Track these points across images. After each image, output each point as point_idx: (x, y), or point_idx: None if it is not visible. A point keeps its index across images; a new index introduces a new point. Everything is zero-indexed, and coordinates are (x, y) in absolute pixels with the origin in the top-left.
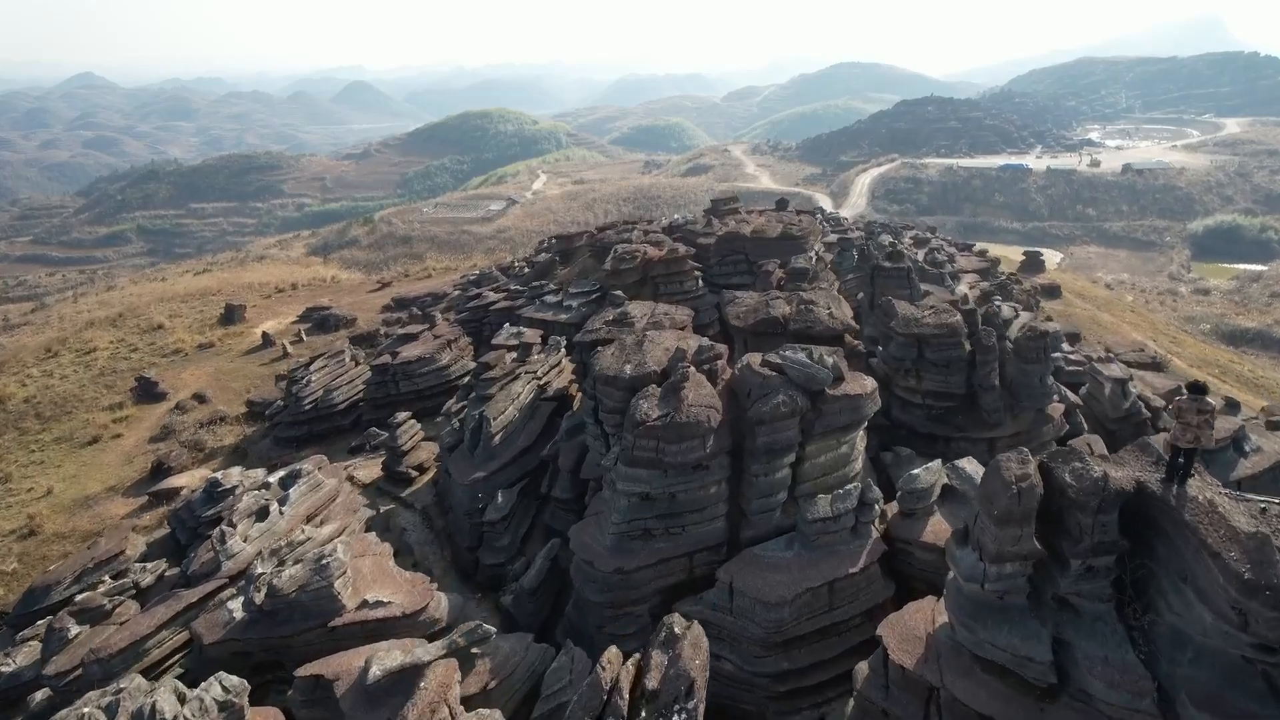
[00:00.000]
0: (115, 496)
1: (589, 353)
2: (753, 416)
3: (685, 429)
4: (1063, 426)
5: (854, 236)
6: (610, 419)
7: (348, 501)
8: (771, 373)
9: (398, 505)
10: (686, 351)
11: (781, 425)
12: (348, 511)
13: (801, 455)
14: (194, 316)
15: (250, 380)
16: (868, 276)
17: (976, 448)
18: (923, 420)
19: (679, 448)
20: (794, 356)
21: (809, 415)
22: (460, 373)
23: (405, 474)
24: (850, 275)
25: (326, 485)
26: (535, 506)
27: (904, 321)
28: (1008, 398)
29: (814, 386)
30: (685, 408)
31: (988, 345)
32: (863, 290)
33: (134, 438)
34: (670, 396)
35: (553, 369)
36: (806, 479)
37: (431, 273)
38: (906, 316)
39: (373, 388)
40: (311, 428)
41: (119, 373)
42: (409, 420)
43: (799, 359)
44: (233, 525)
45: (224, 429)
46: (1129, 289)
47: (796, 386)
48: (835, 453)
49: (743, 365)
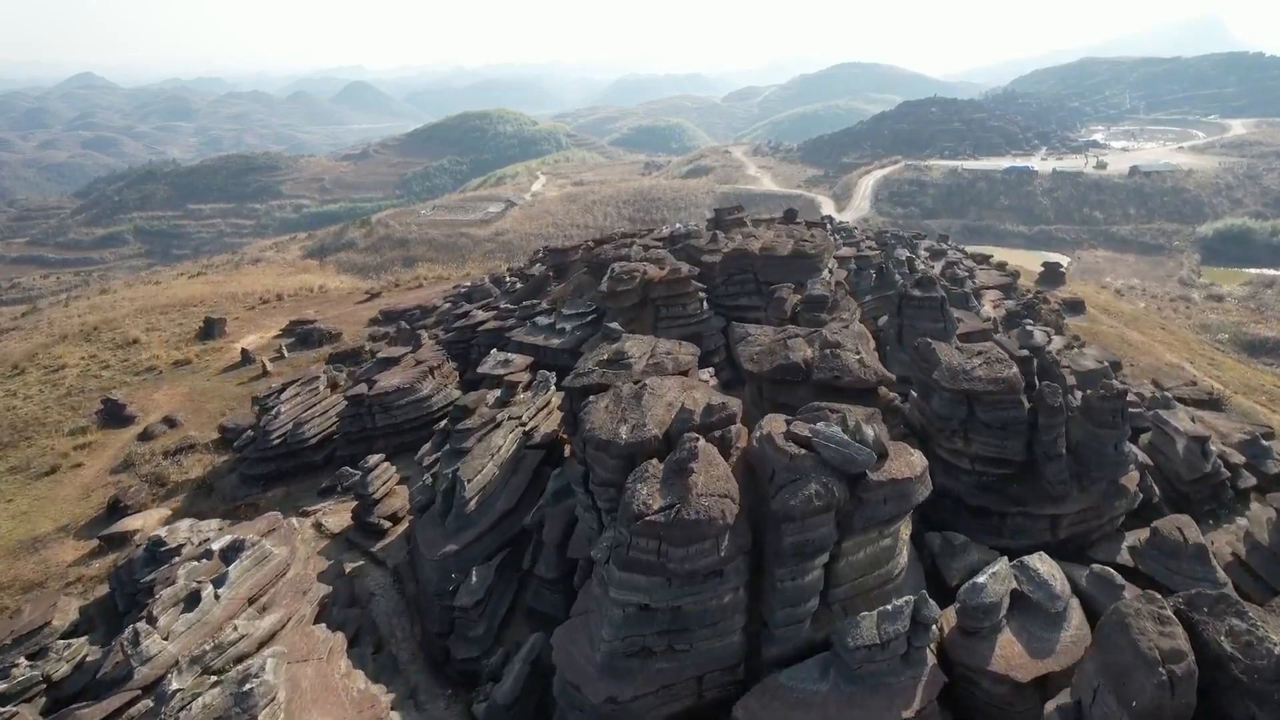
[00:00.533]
0: (66, 538)
1: (579, 400)
2: (778, 511)
3: (694, 528)
4: (1136, 498)
5: (872, 255)
6: (603, 492)
7: (298, 579)
8: (798, 449)
9: (367, 561)
10: (694, 413)
11: (814, 522)
12: (296, 594)
13: (836, 553)
14: (172, 330)
15: (226, 401)
16: (894, 305)
17: (1036, 524)
18: (972, 489)
19: (686, 551)
20: (827, 432)
21: (846, 505)
22: (443, 403)
23: (376, 525)
24: (869, 297)
25: (275, 558)
26: (516, 582)
27: (950, 374)
28: (1074, 465)
29: (852, 469)
30: (694, 498)
31: (1053, 406)
32: (885, 314)
33: (95, 467)
34: (675, 479)
35: (540, 410)
36: (842, 581)
37: (422, 282)
38: (953, 367)
39: (347, 421)
40: (280, 464)
41: (87, 393)
42: (381, 464)
43: (834, 436)
44: (154, 619)
45: (191, 459)
46: (1140, 295)
47: (830, 469)
48: (876, 546)
49: (762, 436)
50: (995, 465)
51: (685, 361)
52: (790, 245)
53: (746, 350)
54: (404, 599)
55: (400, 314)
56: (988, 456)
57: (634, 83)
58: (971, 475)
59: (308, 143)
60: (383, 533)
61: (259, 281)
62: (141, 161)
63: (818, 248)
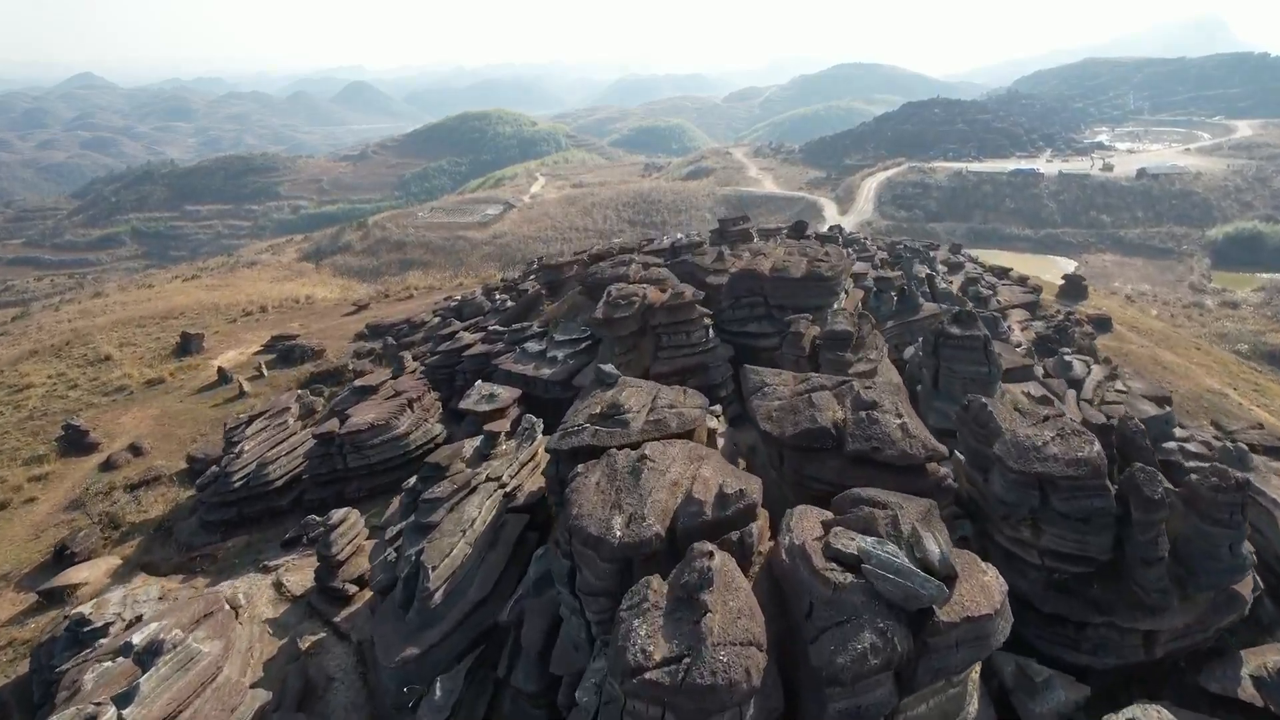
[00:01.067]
0: (6, 589)
1: (567, 465)
2: (820, 669)
3: (709, 696)
4: (1247, 606)
5: (893, 277)
6: (592, 602)
7: (227, 689)
8: (842, 576)
9: (329, 634)
10: (704, 504)
11: (868, 684)
12: (222, 711)
13: (893, 711)
14: (148, 346)
15: (198, 426)
16: (928, 343)
17: (1126, 639)
18: (1042, 590)
19: None
20: (882, 557)
21: (908, 654)
22: (423, 440)
23: (340, 591)
24: (890, 323)
25: (201, 661)
26: (492, 689)
27: (1018, 452)
28: (1174, 567)
29: (916, 606)
30: (709, 647)
31: (1151, 499)
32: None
33: (50, 503)
34: (684, 615)
35: (525, 466)
36: None
37: (413, 293)
38: (1020, 444)
39: (315, 462)
40: (242, 509)
41: (50, 416)
42: (347, 519)
43: (891, 563)
44: None
45: (154, 494)
46: (1151, 301)
47: (886, 605)
48: (943, 697)
49: (794, 548)
50: (1073, 562)
51: (691, 418)
52: (804, 265)
53: (764, 405)
54: (367, 688)
55: (387, 329)
56: (1063, 553)
57: (634, 83)
58: (1041, 572)
59: (307, 143)
60: (347, 599)
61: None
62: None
63: (834, 269)
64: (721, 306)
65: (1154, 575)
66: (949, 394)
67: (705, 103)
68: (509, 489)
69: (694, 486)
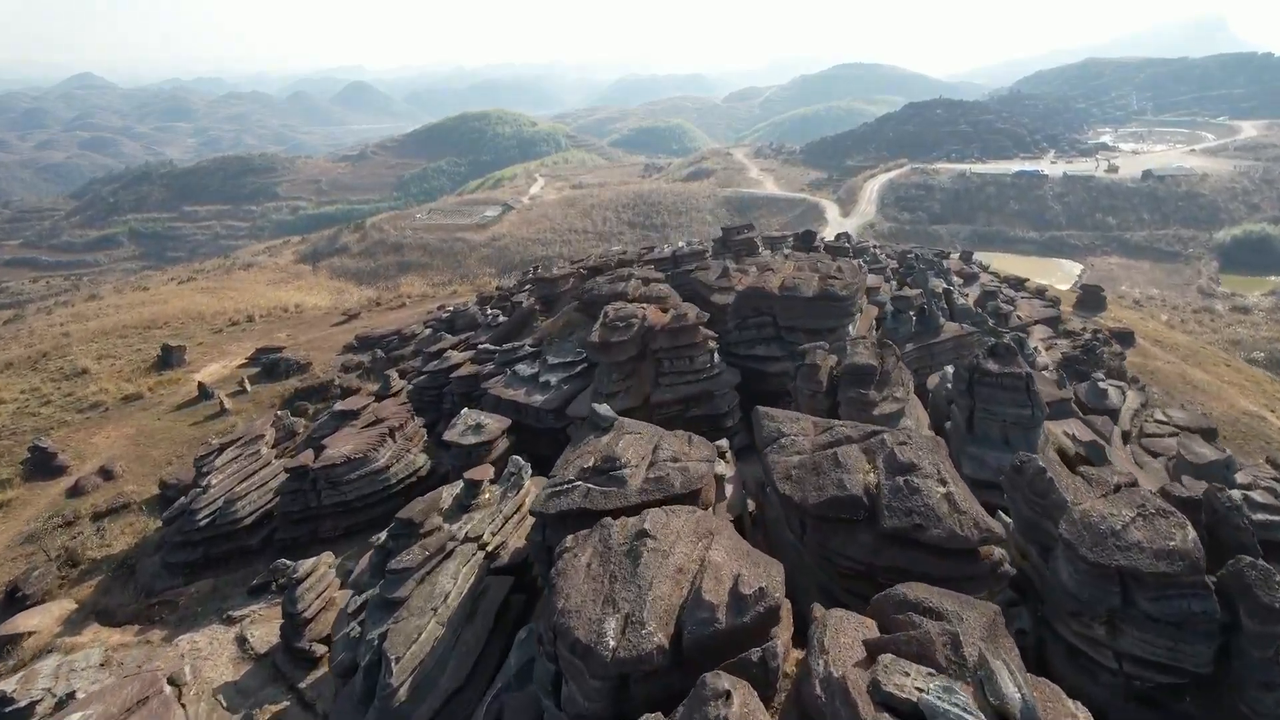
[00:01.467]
0: None
1: (553, 530)
2: None
3: None
4: None
5: (913, 295)
6: None
7: None
8: None
9: (294, 702)
10: (716, 607)
11: None
12: None
13: None
14: (128, 358)
15: (174, 447)
16: (962, 384)
17: None
18: (1118, 699)
19: None
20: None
21: None
22: (404, 473)
23: (307, 652)
24: (910, 346)
25: None
26: None
27: (1093, 539)
28: None
29: None
30: None
31: (1269, 607)
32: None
33: (8, 534)
34: None
35: (509, 519)
36: None
37: (405, 301)
38: (1094, 527)
39: (287, 499)
40: (208, 549)
41: (19, 435)
42: (316, 569)
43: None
44: None
45: (120, 524)
46: (1160, 305)
47: None
48: None
49: (831, 683)
50: (1161, 671)
51: (697, 474)
52: (816, 283)
53: (781, 462)
54: None
55: (377, 340)
56: (1148, 660)
57: (634, 83)
58: (1118, 679)
59: (307, 143)
60: (315, 661)
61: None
62: (139, 162)
63: (849, 287)
64: (727, 327)
65: (1271, 702)
66: (985, 438)
67: (705, 103)
68: (491, 548)
69: (703, 580)
